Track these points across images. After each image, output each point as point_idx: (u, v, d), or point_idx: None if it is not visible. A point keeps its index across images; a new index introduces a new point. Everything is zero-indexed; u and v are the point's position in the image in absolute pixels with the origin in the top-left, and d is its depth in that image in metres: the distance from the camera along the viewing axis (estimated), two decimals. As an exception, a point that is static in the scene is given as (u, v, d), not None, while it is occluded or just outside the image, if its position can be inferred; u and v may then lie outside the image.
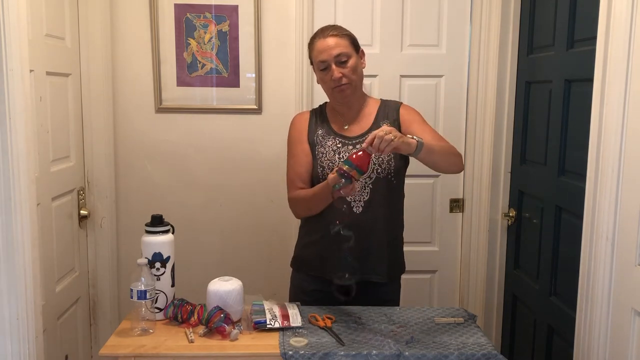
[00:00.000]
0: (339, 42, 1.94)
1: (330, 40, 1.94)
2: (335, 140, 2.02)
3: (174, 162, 2.85)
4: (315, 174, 2.01)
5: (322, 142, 2.03)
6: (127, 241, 2.84)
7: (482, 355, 1.63)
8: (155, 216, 1.86)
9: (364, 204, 1.97)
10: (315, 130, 2.06)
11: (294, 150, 2.08)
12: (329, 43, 1.94)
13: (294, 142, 2.09)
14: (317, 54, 1.97)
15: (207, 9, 2.74)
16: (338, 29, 1.98)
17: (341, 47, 1.93)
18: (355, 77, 1.97)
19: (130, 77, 2.78)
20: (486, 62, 2.72)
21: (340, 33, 1.96)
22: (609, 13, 1.63)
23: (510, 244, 2.74)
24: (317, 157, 2.02)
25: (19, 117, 1.66)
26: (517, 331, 2.67)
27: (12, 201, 1.63)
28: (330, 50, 1.93)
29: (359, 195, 1.96)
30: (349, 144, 2.00)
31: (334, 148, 2.01)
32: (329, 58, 1.93)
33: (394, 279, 2.11)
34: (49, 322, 2.24)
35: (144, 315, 1.74)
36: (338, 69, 1.93)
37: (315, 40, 1.98)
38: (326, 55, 1.93)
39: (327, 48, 1.93)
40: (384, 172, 1.97)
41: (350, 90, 1.97)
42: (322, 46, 1.94)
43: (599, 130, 1.69)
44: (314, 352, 1.62)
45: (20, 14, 1.68)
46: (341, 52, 1.93)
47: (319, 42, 1.96)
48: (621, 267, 1.61)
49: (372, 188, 1.97)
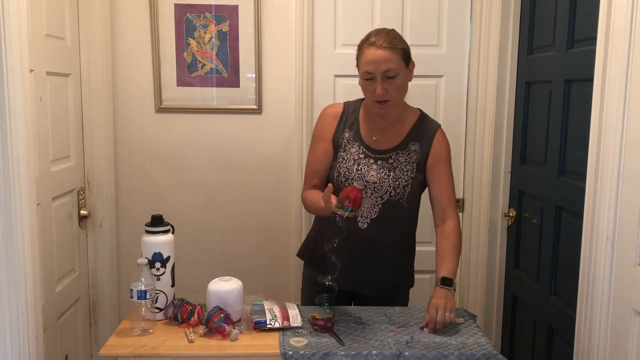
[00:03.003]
0: (390, 57, 1.82)
1: (382, 53, 1.81)
2: (359, 149, 1.97)
3: (174, 162, 2.85)
4: (331, 175, 1.99)
5: (346, 147, 1.98)
6: (127, 241, 2.84)
7: (482, 355, 1.63)
8: (155, 216, 1.86)
9: (369, 221, 1.96)
10: (343, 131, 2.00)
11: (315, 147, 2.04)
12: (380, 56, 1.82)
13: (317, 138, 2.04)
14: (364, 63, 1.85)
15: (207, 9, 2.74)
16: (392, 40, 1.84)
17: (391, 63, 1.82)
18: (399, 94, 1.89)
19: (130, 77, 2.78)
20: (486, 62, 2.72)
21: (394, 46, 1.83)
22: (609, 13, 1.63)
23: (510, 244, 2.74)
24: (338, 160, 1.98)
25: (19, 117, 1.66)
26: (517, 331, 2.67)
27: (12, 201, 1.63)
28: (379, 64, 1.82)
29: (367, 212, 1.95)
30: (371, 157, 1.96)
31: (355, 157, 1.96)
32: (375, 71, 1.83)
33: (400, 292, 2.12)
34: (49, 322, 2.24)
35: (144, 315, 1.74)
36: (383, 85, 1.83)
37: (365, 47, 1.86)
38: (373, 67, 1.83)
39: (376, 61, 1.82)
40: (397, 196, 1.95)
41: (390, 107, 1.90)
42: (372, 57, 1.83)
43: (599, 130, 1.69)
44: (314, 352, 1.62)
45: (20, 14, 1.68)
46: (390, 68, 1.82)
47: (369, 51, 1.84)
48: (621, 267, 1.61)
49: (382, 208, 1.95)
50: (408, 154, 1.96)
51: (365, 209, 1.95)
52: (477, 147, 2.79)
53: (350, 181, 1.94)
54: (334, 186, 1.96)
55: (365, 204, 1.94)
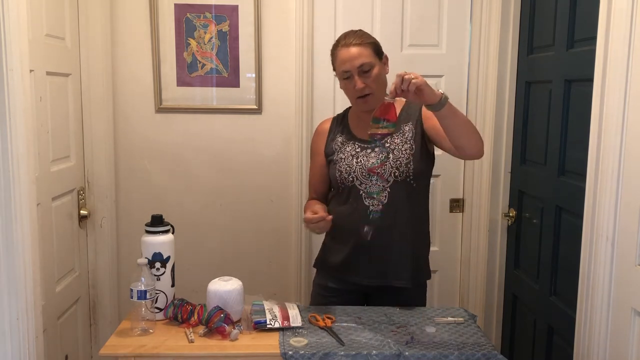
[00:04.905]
0: (362, 52, 1.91)
1: (353, 50, 1.91)
2: (355, 145, 2.01)
3: (174, 162, 2.85)
4: (334, 177, 2.03)
5: (341, 149, 2.03)
6: (127, 241, 2.84)
7: (482, 355, 1.63)
8: (155, 216, 1.86)
9: (381, 207, 1.96)
10: (334, 139, 2.07)
11: (311, 161, 2.19)
12: (351, 53, 1.91)
13: (312, 153, 2.18)
14: (339, 63, 1.94)
15: (207, 9, 2.74)
16: (361, 37, 1.94)
17: (364, 57, 1.90)
18: (378, 86, 1.94)
19: (130, 77, 2.78)
20: (486, 62, 2.72)
21: (364, 41, 1.92)
22: (609, 13, 1.63)
23: (510, 244, 2.74)
24: (336, 162, 2.02)
25: (19, 117, 1.66)
26: (517, 331, 2.67)
27: (12, 201, 1.63)
28: (353, 61, 1.90)
29: (376, 201, 1.96)
30: (368, 148, 1.99)
31: (352, 153, 2.00)
32: (351, 68, 1.91)
33: (418, 284, 2.08)
34: (49, 322, 2.24)
35: (144, 315, 1.74)
36: (361, 80, 1.91)
37: (337, 49, 1.95)
38: (349, 65, 1.91)
39: (349, 58, 1.91)
40: (402, 175, 1.95)
41: (373, 100, 1.93)
42: (345, 56, 1.92)
43: (599, 130, 1.69)
44: (314, 352, 1.62)
45: (20, 14, 1.68)
46: (364, 63, 1.90)
47: (341, 51, 1.93)
48: (621, 267, 1.61)
49: (390, 192, 1.95)
50: (403, 134, 1.98)
51: (374, 198, 1.95)
52: (477, 147, 2.79)
53: (353, 176, 1.97)
54: (337, 185, 2.02)
55: (374, 190, 1.95)
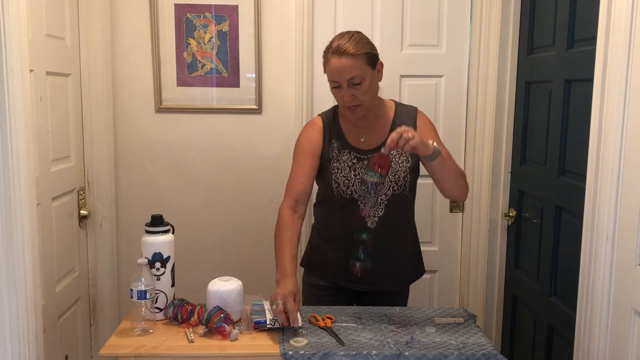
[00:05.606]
0: (354, 64, 1.81)
1: (345, 62, 1.81)
2: (351, 155, 1.97)
3: (174, 162, 2.85)
4: (330, 189, 1.98)
5: (338, 157, 1.98)
6: (127, 241, 2.84)
7: (482, 355, 1.63)
8: (155, 216, 1.86)
9: (378, 219, 1.96)
10: (330, 143, 2.00)
11: (301, 160, 2.01)
12: (343, 64, 1.82)
13: (303, 152, 2.01)
14: (330, 71, 1.87)
15: (207, 9, 2.74)
16: (355, 44, 1.83)
17: (355, 70, 1.82)
18: (368, 97, 1.88)
19: (130, 77, 2.78)
20: (486, 62, 2.72)
21: (357, 52, 1.82)
22: (609, 13, 1.63)
23: (510, 244, 2.74)
24: (332, 172, 1.97)
25: (19, 117, 1.66)
26: (517, 331, 2.67)
27: (12, 201, 1.63)
28: (342, 73, 1.83)
29: (373, 211, 1.96)
30: (365, 159, 1.96)
31: (349, 164, 1.96)
32: (341, 80, 1.84)
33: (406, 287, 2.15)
34: (49, 322, 2.24)
35: (144, 315, 1.74)
36: (350, 91, 1.85)
37: (329, 55, 1.86)
38: (338, 77, 1.84)
39: (340, 69, 1.83)
40: (400, 189, 1.96)
41: (363, 110, 1.90)
42: (336, 66, 1.83)
43: (599, 130, 1.69)
44: (314, 352, 1.62)
45: (20, 14, 1.68)
46: (354, 76, 1.83)
47: (333, 60, 1.84)
48: (621, 267, 1.61)
49: (387, 204, 1.96)
50: None
51: (371, 209, 1.95)
52: (477, 147, 2.79)
53: (352, 189, 1.96)
54: (334, 197, 1.98)
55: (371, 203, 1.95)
